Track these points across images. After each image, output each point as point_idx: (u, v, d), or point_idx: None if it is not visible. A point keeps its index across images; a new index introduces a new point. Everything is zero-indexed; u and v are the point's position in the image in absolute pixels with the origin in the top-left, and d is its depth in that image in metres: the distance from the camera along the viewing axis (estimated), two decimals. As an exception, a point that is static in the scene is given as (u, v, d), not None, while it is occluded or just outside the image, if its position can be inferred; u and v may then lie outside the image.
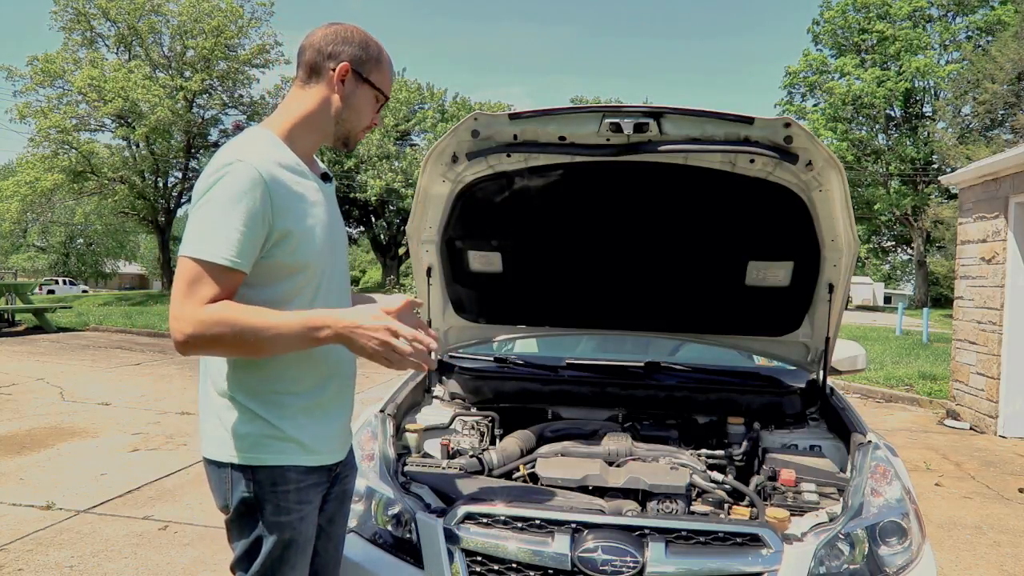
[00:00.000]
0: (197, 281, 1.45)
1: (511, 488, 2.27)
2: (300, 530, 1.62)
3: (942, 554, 3.89)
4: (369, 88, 1.66)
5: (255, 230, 1.48)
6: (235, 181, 1.47)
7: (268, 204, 1.49)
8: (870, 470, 2.21)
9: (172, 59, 28.16)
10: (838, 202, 2.39)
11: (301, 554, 1.64)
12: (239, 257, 1.46)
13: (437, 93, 37.20)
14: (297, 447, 1.59)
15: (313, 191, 1.63)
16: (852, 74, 33.25)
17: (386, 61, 1.70)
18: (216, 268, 1.45)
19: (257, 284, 1.55)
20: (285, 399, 1.58)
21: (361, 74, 1.63)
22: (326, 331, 1.48)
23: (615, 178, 2.51)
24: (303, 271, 1.58)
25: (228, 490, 1.58)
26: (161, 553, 3.67)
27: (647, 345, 3.61)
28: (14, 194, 26.05)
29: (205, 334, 1.43)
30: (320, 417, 1.64)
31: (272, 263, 1.54)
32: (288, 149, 1.61)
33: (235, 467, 1.57)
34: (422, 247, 2.83)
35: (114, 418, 6.85)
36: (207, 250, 1.45)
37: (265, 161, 1.52)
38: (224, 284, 1.47)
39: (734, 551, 1.90)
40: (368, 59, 1.64)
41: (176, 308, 1.46)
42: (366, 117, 1.68)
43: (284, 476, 1.58)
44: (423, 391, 3.07)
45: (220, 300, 1.46)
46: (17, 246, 42.81)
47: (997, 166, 7.02)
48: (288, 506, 1.59)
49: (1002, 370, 6.95)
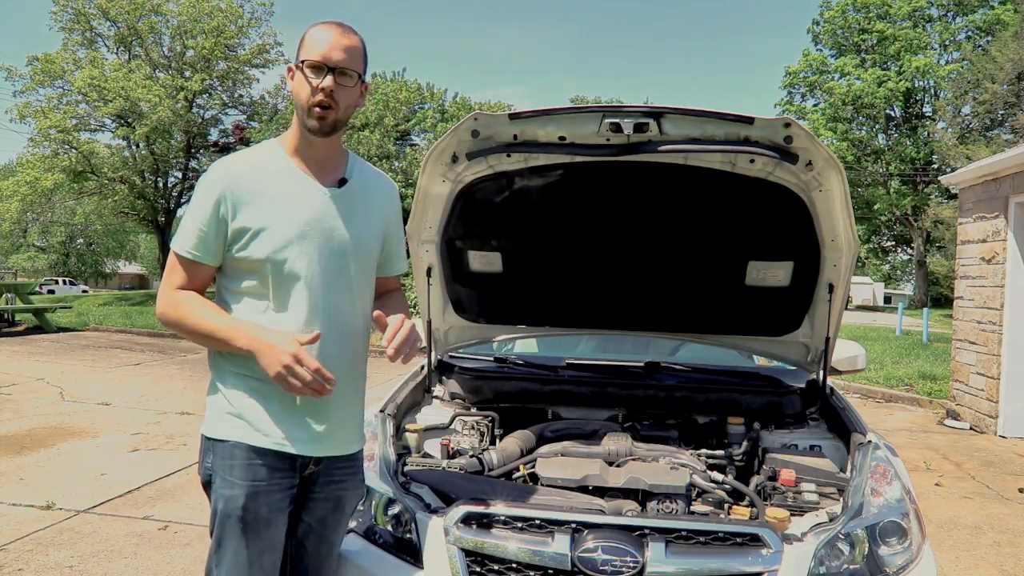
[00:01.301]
0: (172, 269, 1.73)
1: (511, 488, 2.27)
2: (248, 507, 1.66)
3: (942, 554, 3.89)
4: (298, 68, 1.69)
5: (212, 226, 1.67)
6: (201, 184, 1.69)
7: (226, 202, 1.66)
8: (870, 470, 2.21)
9: (172, 59, 28.14)
10: (838, 202, 2.38)
11: (252, 533, 1.67)
12: (197, 250, 1.68)
13: (437, 93, 37.17)
14: (246, 426, 1.68)
15: (300, 193, 1.72)
16: (852, 74, 33.25)
17: (310, 32, 1.70)
18: (181, 259, 1.70)
19: (227, 276, 1.74)
20: (241, 380, 1.70)
21: (294, 64, 1.71)
22: (243, 341, 1.62)
23: (615, 178, 2.51)
24: (260, 267, 1.68)
25: (202, 462, 1.76)
26: (161, 553, 3.67)
27: (647, 345, 3.61)
28: (14, 194, 26.03)
29: (168, 315, 1.71)
30: (275, 404, 1.69)
31: (232, 257, 1.70)
32: (285, 155, 1.74)
33: (205, 439, 1.75)
34: (422, 247, 2.83)
35: (114, 418, 6.85)
36: (175, 242, 1.70)
37: (239, 165, 1.70)
38: (190, 273, 1.71)
39: (734, 551, 1.90)
40: (301, 47, 1.70)
41: (160, 288, 1.75)
42: (303, 92, 1.68)
43: (232, 451, 1.68)
44: (423, 391, 3.07)
45: (189, 288, 1.71)
46: (17, 246, 42.81)
47: (997, 166, 7.02)
48: (233, 480, 1.67)
49: (1002, 370, 6.95)
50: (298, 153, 1.75)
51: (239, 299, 1.73)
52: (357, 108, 1.75)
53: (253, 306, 1.71)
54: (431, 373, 3.12)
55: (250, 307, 1.71)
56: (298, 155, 1.74)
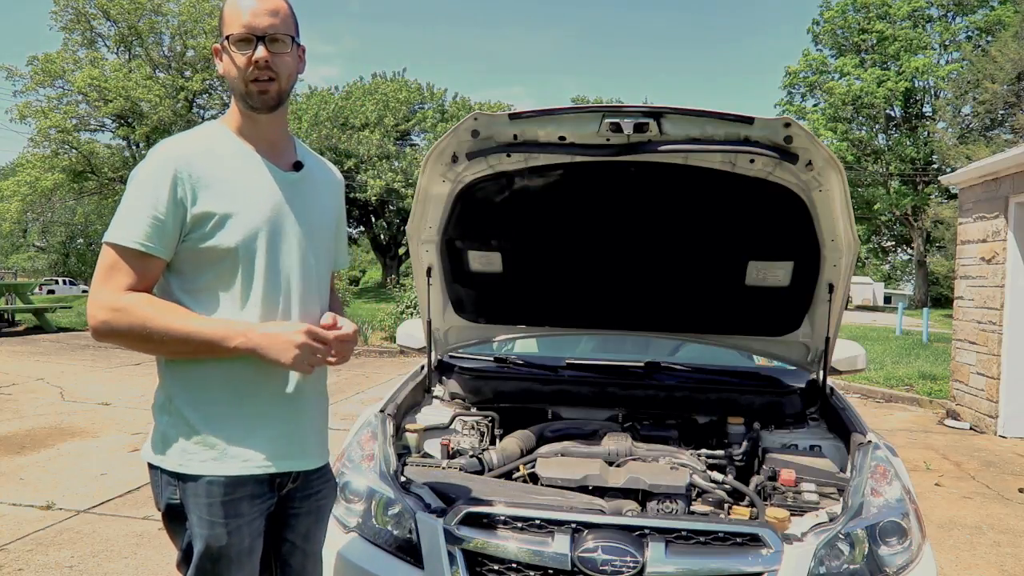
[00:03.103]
0: (113, 267, 1.46)
1: (511, 488, 2.27)
2: (230, 543, 1.52)
3: (942, 554, 3.89)
4: (224, 45, 1.55)
5: (168, 213, 1.46)
6: (146, 168, 1.48)
7: (182, 186, 1.47)
8: (870, 470, 2.21)
9: (172, 59, 28.15)
10: (838, 202, 2.39)
11: (237, 566, 1.55)
12: (150, 240, 1.45)
13: (437, 93, 37.19)
14: (222, 456, 1.51)
15: (255, 178, 1.57)
16: (852, 74, 33.26)
17: (229, 6, 1.56)
18: (129, 252, 1.45)
19: (181, 271, 1.53)
20: (214, 405, 1.53)
21: (221, 41, 1.56)
22: (239, 339, 1.46)
23: (615, 178, 2.51)
24: (227, 258, 1.51)
25: (159, 494, 1.56)
26: (161, 553, 3.67)
27: (647, 345, 3.61)
28: (14, 194, 26.05)
29: (116, 323, 1.44)
30: (255, 424, 1.55)
31: (192, 248, 1.50)
32: (235, 137, 1.59)
33: (163, 471, 1.53)
34: (422, 247, 2.83)
35: (114, 418, 6.84)
36: (119, 235, 1.45)
37: (187, 148, 1.51)
38: (140, 270, 1.46)
39: (734, 551, 1.90)
40: (222, 24, 1.56)
41: (92, 293, 1.46)
42: (234, 71, 1.54)
43: (207, 488, 1.50)
44: (423, 391, 3.07)
45: (138, 288, 1.46)
46: (17, 246, 42.81)
47: (997, 166, 7.02)
48: (213, 519, 1.51)
49: (1002, 370, 6.95)
50: (244, 134, 1.59)
51: (196, 297, 1.52)
52: (298, 75, 1.63)
53: (214, 305, 1.53)
54: (431, 373, 3.12)
55: (210, 306, 1.52)
56: (244, 136, 1.59)
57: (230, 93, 1.64)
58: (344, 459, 2.38)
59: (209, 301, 1.53)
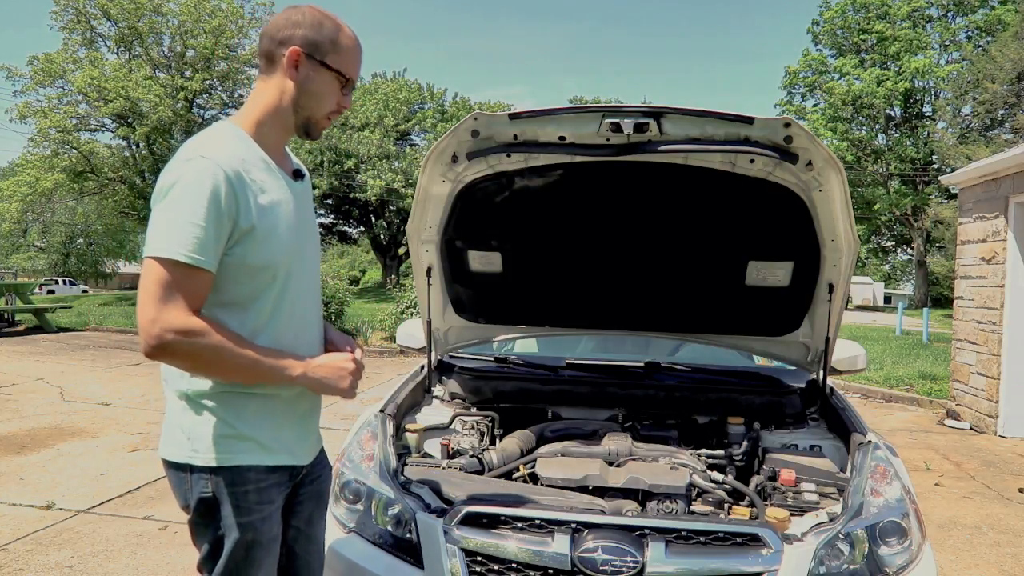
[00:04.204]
0: (170, 284, 1.40)
1: (511, 488, 2.27)
2: (262, 530, 1.59)
3: (942, 554, 3.89)
4: (327, 71, 1.56)
5: (217, 227, 1.43)
6: (195, 177, 1.42)
7: (232, 201, 1.45)
8: (870, 470, 2.21)
9: (172, 59, 28.14)
10: (838, 202, 2.39)
11: (266, 554, 1.62)
12: (202, 255, 1.42)
13: (437, 93, 37.20)
14: (256, 446, 1.57)
15: (280, 189, 1.58)
16: (852, 74, 33.26)
17: (347, 40, 1.58)
18: (183, 268, 1.41)
19: (219, 285, 1.49)
20: (242, 399, 1.55)
21: (315, 56, 1.54)
22: (300, 369, 1.55)
23: (615, 178, 2.51)
24: (265, 270, 1.53)
25: (188, 490, 1.56)
26: (161, 553, 3.67)
27: (647, 345, 3.61)
28: (14, 194, 26.04)
29: (183, 345, 1.41)
30: (280, 418, 1.62)
31: (234, 262, 1.49)
32: (254, 143, 1.56)
33: (193, 468, 1.55)
34: (422, 247, 2.83)
35: (114, 418, 6.84)
36: (171, 249, 1.40)
37: (227, 156, 1.48)
38: (194, 287, 1.43)
39: (734, 551, 1.90)
40: (322, 40, 1.54)
41: (151, 311, 1.40)
42: (327, 103, 1.59)
43: (243, 476, 1.55)
44: (423, 391, 3.07)
45: (195, 306, 1.44)
46: (17, 246, 42.78)
47: (997, 166, 7.02)
48: (248, 506, 1.56)
49: (1002, 370, 6.95)
50: (265, 142, 1.59)
51: (229, 311, 1.51)
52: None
53: (245, 317, 1.54)
54: (431, 373, 3.12)
55: (243, 319, 1.53)
56: (260, 143, 1.58)
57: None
58: (344, 459, 2.38)
59: (241, 313, 1.53)
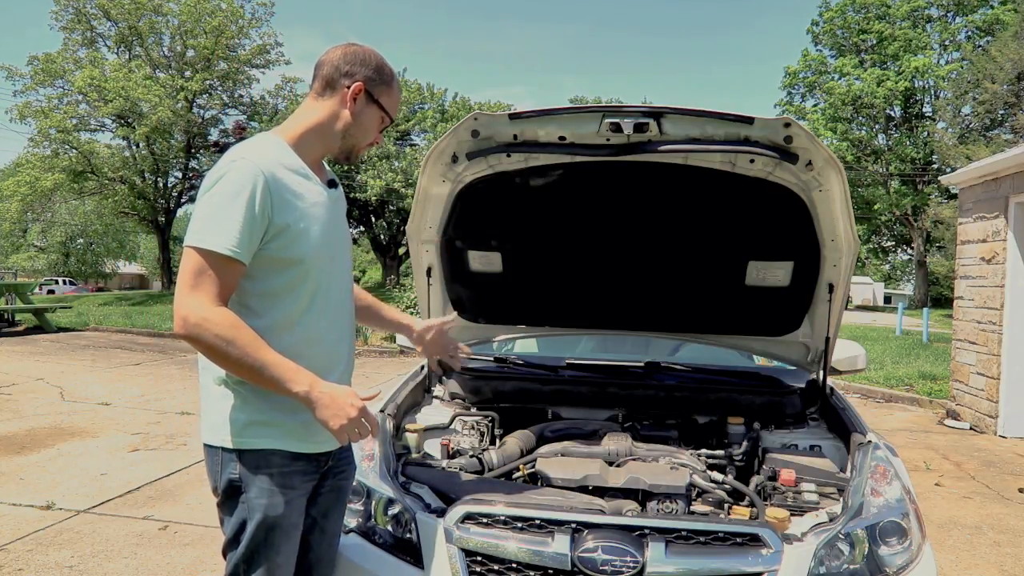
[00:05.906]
0: (202, 272, 1.54)
1: (511, 488, 2.27)
2: (284, 514, 1.68)
3: (942, 554, 3.89)
4: (377, 109, 1.78)
5: (254, 223, 1.58)
6: (237, 176, 1.57)
7: (267, 199, 1.59)
8: (870, 470, 2.20)
9: (172, 59, 28.18)
10: (838, 202, 2.39)
11: (286, 538, 1.70)
12: (239, 247, 1.56)
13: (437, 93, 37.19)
14: (283, 433, 1.67)
15: (315, 193, 1.73)
16: (852, 74, 33.24)
17: (396, 86, 1.83)
18: (218, 258, 1.55)
19: (253, 276, 1.64)
20: (274, 393, 1.63)
21: (372, 95, 1.76)
22: (303, 387, 1.58)
23: (615, 178, 2.51)
24: (297, 266, 1.67)
25: (218, 473, 1.68)
26: (161, 553, 3.67)
27: (647, 345, 3.61)
28: (14, 194, 26.07)
29: (204, 335, 1.53)
30: (304, 407, 1.66)
31: (268, 256, 1.63)
32: (294, 154, 1.71)
33: (225, 450, 1.66)
34: (422, 247, 2.83)
35: (114, 418, 6.85)
36: (209, 240, 1.55)
37: (267, 160, 1.63)
38: (226, 275, 1.57)
39: (734, 551, 1.89)
40: (381, 82, 1.77)
41: (182, 297, 1.55)
42: (370, 135, 1.80)
43: (268, 460, 1.66)
44: (423, 391, 3.07)
45: (224, 295, 1.57)
46: (17, 246, 42.79)
47: (997, 166, 7.02)
48: (271, 488, 1.66)
49: (1002, 370, 6.95)
50: (304, 154, 1.74)
51: (263, 300, 1.66)
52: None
53: (278, 307, 1.67)
54: (431, 373, 3.12)
55: (275, 308, 1.67)
56: (305, 156, 1.74)
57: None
58: (344, 459, 2.38)
59: (274, 304, 1.67)
